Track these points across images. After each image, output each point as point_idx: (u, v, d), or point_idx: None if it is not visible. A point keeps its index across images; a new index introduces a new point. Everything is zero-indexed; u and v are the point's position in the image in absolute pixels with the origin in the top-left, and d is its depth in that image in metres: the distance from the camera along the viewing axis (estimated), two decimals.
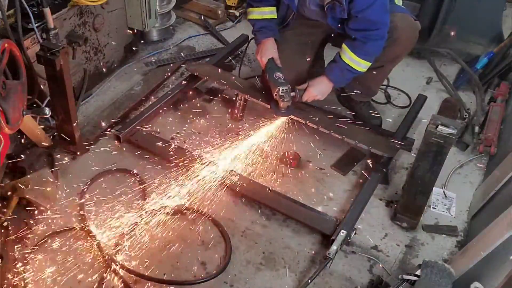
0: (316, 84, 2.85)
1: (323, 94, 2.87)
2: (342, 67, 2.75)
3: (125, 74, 3.44)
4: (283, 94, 2.73)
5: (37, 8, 2.60)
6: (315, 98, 2.86)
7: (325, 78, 2.82)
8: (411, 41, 2.83)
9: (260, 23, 2.90)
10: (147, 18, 3.32)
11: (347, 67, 2.73)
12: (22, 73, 2.21)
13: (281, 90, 2.73)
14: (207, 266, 2.31)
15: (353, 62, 2.72)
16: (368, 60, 2.72)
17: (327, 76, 2.82)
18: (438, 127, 2.24)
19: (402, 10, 2.79)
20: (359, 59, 2.70)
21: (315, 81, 2.86)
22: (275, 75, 2.78)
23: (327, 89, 2.86)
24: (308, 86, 2.84)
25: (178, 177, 2.62)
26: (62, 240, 2.34)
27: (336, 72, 2.78)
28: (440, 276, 2.01)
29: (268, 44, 2.90)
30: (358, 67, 2.73)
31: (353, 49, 2.69)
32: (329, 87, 2.85)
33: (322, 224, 2.49)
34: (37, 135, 2.65)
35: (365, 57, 2.70)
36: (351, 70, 2.75)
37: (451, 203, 2.73)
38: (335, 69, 2.78)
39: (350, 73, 2.77)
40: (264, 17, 2.89)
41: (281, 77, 2.78)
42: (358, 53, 2.69)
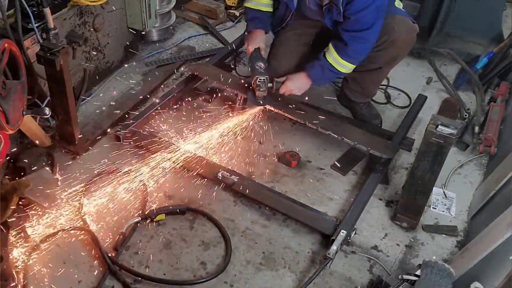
0: (294, 78, 2.86)
1: (300, 89, 2.87)
2: (323, 66, 2.76)
3: (125, 74, 3.44)
4: (260, 83, 2.77)
5: (37, 8, 2.60)
6: (291, 92, 2.87)
7: (304, 74, 2.84)
8: (408, 44, 2.83)
9: (254, 13, 2.92)
10: (147, 18, 3.32)
11: (330, 67, 2.74)
12: (22, 73, 2.21)
13: (259, 79, 2.76)
14: (207, 266, 2.31)
15: (336, 63, 2.72)
16: (351, 63, 2.72)
17: (306, 72, 2.83)
18: (438, 127, 2.24)
19: (401, 13, 2.79)
20: (342, 60, 2.71)
21: (294, 76, 2.88)
22: (256, 64, 2.81)
23: (305, 85, 2.87)
24: (286, 79, 2.86)
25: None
26: (62, 240, 2.34)
27: (317, 69, 2.79)
28: (440, 276, 2.01)
29: (257, 34, 2.93)
30: (340, 68, 2.74)
31: (337, 49, 2.70)
32: (307, 83, 2.86)
33: (322, 224, 2.49)
34: (37, 135, 2.65)
35: (348, 59, 2.71)
36: (333, 70, 2.75)
37: (451, 203, 2.73)
38: (316, 67, 2.79)
39: (331, 73, 2.78)
40: (259, 8, 2.91)
41: (262, 67, 2.81)
42: (341, 54, 2.70)
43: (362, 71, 2.95)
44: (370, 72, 2.92)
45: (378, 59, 2.82)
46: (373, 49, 2.79)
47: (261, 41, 2.92)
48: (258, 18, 2.93)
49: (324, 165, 2.90)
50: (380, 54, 2.79)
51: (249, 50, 2.93)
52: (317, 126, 2.85)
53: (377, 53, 2.79)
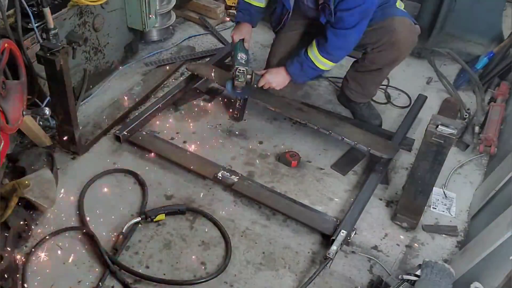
0: (273, 72, 2.87)
1: (278, 84, 2.87)
2: (302, 62, 2.76)
3: (125, 74, 3.44)
4: (239, 74, 2.77)
5: (37, 8, 2.60)
6: (270, 85, 2.87)
7: (283, 69, 2.84)
8: (409, 45, 2.83)
9: (245, 5, 2.91)
10: (147, 18, 3.32)
11: (309, 63, 2.74)
12: (22, 73, 2.21)
13: (238, 70, 2.77)
14: (207, 266, 2.31)
15: (315, 59, 2.72)
16: (330, 60, 2.72)
17: (285, 68, 2.83)
18: (438, 127, 2.24)
19: (402, 14, 2.79)
20: (320, 56, 2.71)
21: (273, 70, 2.89)
22: (238, 55, 2.82)
23: (284, 80, 2.87)
24: (265, 72, 2.87)
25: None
26: (62, 240, 2.34)
27: (295, 65, 2.79)
28: (440, 276, 2.01)
29: (243, 26, 2.93)
30: (319, 64, 2.74)
31: (318, 46, 2.71)
32: (285, 78, 2.86)
33: (322, 224, 2.49)
34: (37, 135, 2.66)
35: (326, 55, 2.70)
36: (313, 67, 2.75)
37: (451, 203, 2.73)
38: (295, 63, 2.79)
39: (311, 69, 2.77)
40: (250, 2, 2.90)
41: (244, 58, 2.82)
42: (320, 49, 2.70)
43: (362, 71, 2.95)
44: (371, 72, 2.92)
45: (378, 60, 2.82)
46: (374, 50, 2.79)
47: (247, 33, 2.92)
48: (247, 11, 2.92)
49: (324, 165, 2.90)
50: (380, 55, 2.78)
51: (234, 40, 2.93)
52: (317, 126, 2.85)
53: (378, 53, 2.79)
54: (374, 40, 2.75)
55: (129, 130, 2.84)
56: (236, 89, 2.86)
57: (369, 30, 2.70)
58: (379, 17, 2.69)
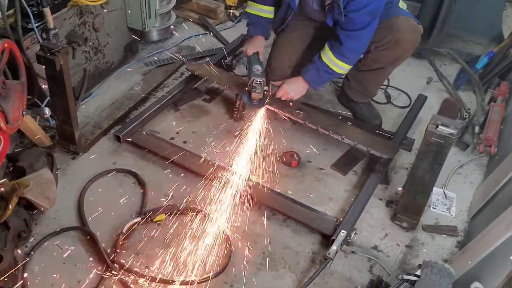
0: (291, 82, 2.86)
1: (297, 93, 2.87)
2: (318, 68, 2.76)
3: (125, 74, 3.44)
4: (256, 85, 2.77)
5: (37, 8, 2.60)
6: (288, 96, 2.87)
7: (300, 78, 2.84)
8: (412, 44, 2.83)
9: (255, 18, 2.93)
10: (147, 18, 3.32)
11: (325, 67, 2.74)
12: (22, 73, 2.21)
13: (255, 81, 2.77)
14: (207, 266, 2.31)
15: (331, 63, 2.73)
16: (345, 62, 2.73)
17: (302, 76, 2.83)
18: (438, 127, 2.24)
19: (405, 13, 2.80)
20: (336, 60, 2.71)
21: (290, 79, 2.88)
22: (254, 67, 2.83)
23: (302, 88, 2.87)
24: (283, 83, 2.86)
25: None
26: (62, 240, 2.34)
27: (312, 72, 2.79)
28: (440, 276, 2.01)
29: (256, 39, 2.95)
30: (335, 68, 2.74)
31: (332, 50, 2.71)
32: (304, 87, 2.86)
33: (322, 224, 2.49)
34: (37, 135, 2.65)
35: (342, 58, 2.71)
36: (328, 71, 2.76)
37: (451, 203, 2.73)
38: (311, 69, 2.79)
39: (327, 74, 2.78)
40: (260, 14, 2.92)
41: (259, 70, 2.82)
42: (335, 53, 2.70)
43: (364, 70, 2.95)
44: (373, 71, 2.92)
45: (381, 58, 2.82)
46: (377, 49, 2.79)
47: (260, 46, 2.94)
48: (258, 24, 2.94)
49: (324, 165, 2.90)
50: (384, 53, 2.78)
51: (247, 54, 2.93)
52: (317, 126, 2.85)
53: (381, 52, 2.79)
54: (378, 38, 2.75)
55: (129, 130, 2.84)
56: (253, 101, 2.85)
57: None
58: (383, 16, 2.69)
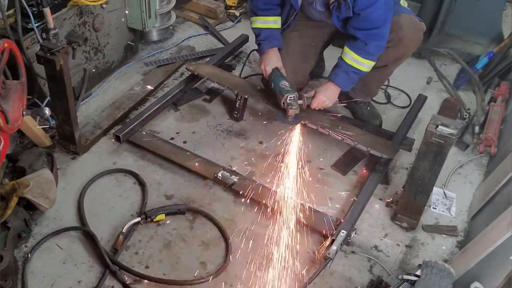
0: (323, 90, 2.82)
1: (331, 100, 2.84)
2: (346, 70, 2.74)
3: (125, 74, 3.44)
4: (290, 102, 2.69)
5: (37, 8, 2.60)
6: (323, 104, 2.82)
7: (331, 84, 2.80)
8: (415, 42, 2.83)
9: (265, 33, 2.86)
10: (147, 18, 3.32)
11: (352, 69, 2.73)
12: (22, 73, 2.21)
13: (289, 98, 2.69)
14: (207, 266, 2.31)
15: (357, 63, 2.71)
16: (371, 60, 2.71)
17: (333, 81, 2.79)
18: (438, 127, 2.24)
19: (407, 11, 2.80)
20: (362, 59, 2.70)
21: (322, 88, 2.83)
22: (281, 84, 2.74)
23: (335, 94, 2.83)
24: (316, 93, 2.81)
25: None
26: (62, 240, 2.34)
27: (342, 76, 2.76)
28: (440, 276, 2.01)
29: (272, 53, 2.87)
30: (362, 67, 2.72)
31: (355, 50, 2.69)
32: (336, 92, 2.83)
33: (322, 224, 2.49)
34: (37, 135, 2.65)
35: (368, 56, 2.70)
36: (356, 72, 2.74)
37: (451, 203, 2.73)
38: (340, 74, 2.76)
39: (355, 74, 2.76)
40: (268, 26, 2.86)
41: (287, 85, 2.74)
42: (360, 53, 2.68)
43: None
44: (375, 70, 2.91)
45: (384, 56, 2.81)
46: None
47: (278, 61, 2.86)
48: (270, 37, 2.86)
49: (324, 165, 2.90)
50: (387, 52, 2.77)
51: (266, 72, 2.86)
52: (317, 126, 2.85)
53: (384, 50, 2.79)
54: None
55: (129, 130, 2.84)
56: (289, 118, 2.75)
57: None
58: None
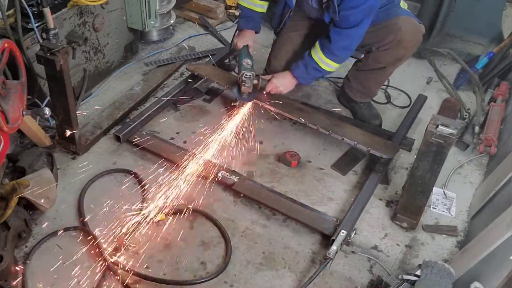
0: (280, 76, 2.87)
1: (286, 88, 2.88)
2: (307, 64, 2.77)
3: (125, 74, 3.44)
4: (245, 79, 2.78)
5: (37, 8, 2.60)
6: (277, 90, 2.87)
7: (289, 73, 2.85)
8: (414, 44, 2.83)
9: (247, 12, 2.93)
10: (147, 18, 3.32)
11: (313, 64, 2.75)
12: (22, 73, 2.21)
13: (245, 75, 2.78)
14: (207, 266, 2.31)
15: (320, 60, 2.73)
16: (334, 61, 2.73)
17: (291, 72, 2.84)
18: (438, 127, 2.24)
19: (407, 13, 2.80)
20: (325, 58, 2.71)
21: (279, 74, 2.89)
22: (244, 61, 2.83)
23: (290, 84, 2.87)
24: (272, 77, 2.87)
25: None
26: (62, 240, 2.34)
27: (301, 68, 2.80)
28: (440, 276, 2.01)
29: (247, 33, 2.95)
30: (324, 66, 2.74)
31: (322, 47, 2.71)
32: (292, 81, 2.86)
33: (322, 224, 2.49)
34: (37, 135, 2.65)
35: (331, 56, 2.71)
36: (317, 69, 2.76)
37: (451, 203, 2.73)
38: (300, 66, 2.80)
39: (316, 71, 2.78)
40: (252, 8, 2.91)
41: (249, 63, 2.83)
42: (324, 51, 2.70)
43: (366, 70, 2.96)
44: (374, 71, 2.92)
45: (383, 58, 2.82)
46: (379, 49, 2.80)
47: (250, 39, 2.95)
48: (250, 17, 2.94)
49: (324, 165, 2.90)
50: (385, 53, 2.78)
51: (238, 47, 2.95)
52: (317, 126, 2.85)
53: (383, 52, 2.79)
54: (379, 39, 2.75)
55: (129, 130, 2.84)
56: (243, 94, 2.86)
57: (374, 29, 2.70)
58: (384, 16, 2.70)
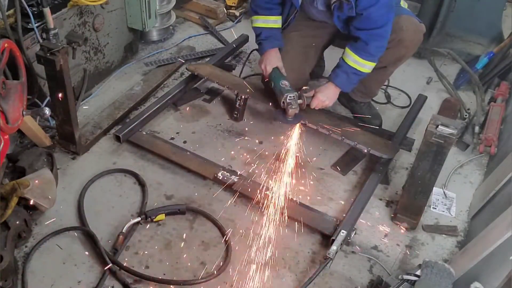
0: (323, 90, 2.83)
1: (331, 100, 2.85)
2: (347, 71, 2.74)
3: (125, 74, 3.44)
4: (290, 101, 2.70)
5: (37, 8, 2.60)
6: (323, 104, 2.83)
7: (331, 84, 2.81)
8: (415, 43, 2.83)
9: (266, 32, 2.87)
10: (147, 18, 3.32)
11: (352, 70, 2.73)
12: (22, 73, 2.21)
13: (289, 97, 2.70)
14: (207, 266, 2.31)
15: (358, 64, 2.71)
16: (372, 61, 2.71)
17: (333, 82, 2.80)
18: (438, 127, 2.24)
19: (407, 13, 2.80)
20: (363, 61, 2.70)
21: (321, 88, 2.84)
22: (281, 83, 2.76)
23: (335, 94, 2.84)
24: (316, 93, 2.82)
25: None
26: (62, 240, 2.34)
27: (342, 76, 2.77)
28: (440, 276, 2.01)
29: (273, 53, 2.88)
30: (363, 68, 2.73)
31: (356, 51, 2.69)
32: (336, 92, 2.84)
33: (322, 224, 2.49)
34: (37, 135, 2.65)
35: (369, 57, 2.69)
36: (357, 73, 2.74)
37: (451, 203, 2.73)
38: (340, 74, 2.77)
39: (356, 76, 2.76)
40: (269, 25, 2.87)
41: (287, 85, 2.76)
42: (361, 54, 2.68)
43: None
44: (375, 71, 2.91)
45: (384, 57, 2.81)
46: None
47: (278, 60, 2.87)
48: (271, 36, 2.87)
49: (324, 165, 2.90)
50: (387, 52, 2.77)
51: (267, 72, 2.87)
52: (317, 126, 2.85)
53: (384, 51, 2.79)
54: None
55: (129, 130, 2.84)
56: (289, 117, 2.76)
57: None
58: None
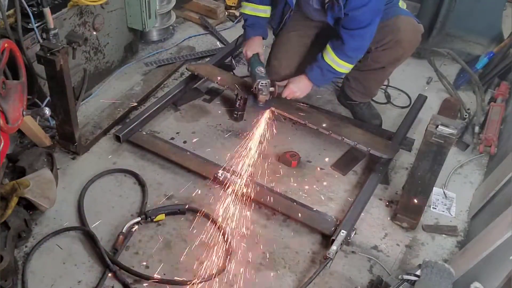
0: (296, 81, 2.86)
1: (302, 92, 2.87)
2: (322, 67, 2.76)
3: (125, 74, 3.44)
4: (261, 87, 2.76)
5: (37, 8, 2.60)
6: (294, 95, 2.86)
7: (305, 77, 2.84)
8: (413, 44, 2.83)
9: (251, 19, 2.91)
10: (147, 18, 3.32)
11: (327, 67, 2.74)
12: (22, 73, 2.21)
13: (260, 84, 2.76)
14: (207, 266, 2.31)
15: (333, 63, 2.72)
16: (348, 62, 2.72)
17: (306, 75, 2.83)
18: (438, 127, 2.24)
19: (406, 13, 2.80)
20: (340, 60, 2.71)
21: (295, 78, 2.87)
22: (257, 69, 2.81)
23: (307, 87, 2.87)
24: (288, 83, 2.86)
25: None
26: (62, 240, 2.34)
27: (316, 71, 2.79)
28: (440, 276, 2.01)
29: (255, 40, 2.93)
30: (339, 68, 2.74)
31: (334, 49, 2.70)
32: (308, 85, 2.86)
33: (322, 224, 2.49)
34: (37, 135, 2.65)
35: (345, 58, 2.70)
36: (331, 71, 2.75)
37: (451, 203, 2.73)
38: (315, 69, 2.79)
39: (330, 73, 2.78)
40: (256, 14, 2.90)
41: (263, 71, 2.81)
42: (338, 53, 2.69)
43: (365, 70, 2.95)
44: (373, 71, 2.92)
45: (382, 58, 2.81)
46: (378, 49, 2.79)
47: (260, 47, 2.93)
48: (255, 25, 2.92)
49: (324, 165, 2.90)
50: (384, 53, 2.78)
51: (247, 56, 2.92)
52: (317, 126, 2.85)
53: (382, 52, 2.79)
54: (379, 38, 2.74)
55: (129, 130, 2.84)
56: (260, 103, 2.83)
57: None
58: (383, 16, 2.69)
